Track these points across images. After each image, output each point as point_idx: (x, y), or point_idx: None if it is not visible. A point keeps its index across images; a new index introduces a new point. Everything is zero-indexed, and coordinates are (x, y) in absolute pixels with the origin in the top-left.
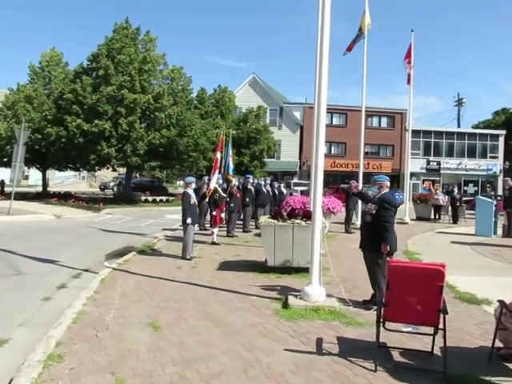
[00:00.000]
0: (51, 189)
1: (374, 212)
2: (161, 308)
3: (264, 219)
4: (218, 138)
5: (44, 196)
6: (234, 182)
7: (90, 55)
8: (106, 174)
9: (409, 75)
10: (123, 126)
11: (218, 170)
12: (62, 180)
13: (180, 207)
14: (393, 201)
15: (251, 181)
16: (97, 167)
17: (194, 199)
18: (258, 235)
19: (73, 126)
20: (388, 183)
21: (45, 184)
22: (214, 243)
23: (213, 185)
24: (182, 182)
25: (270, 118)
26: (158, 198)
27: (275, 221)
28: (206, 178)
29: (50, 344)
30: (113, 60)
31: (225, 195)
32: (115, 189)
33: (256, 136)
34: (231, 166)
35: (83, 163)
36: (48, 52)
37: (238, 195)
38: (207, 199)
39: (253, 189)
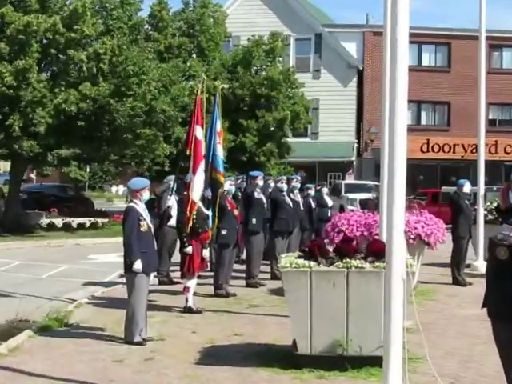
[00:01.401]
0: None
1: None
2: None
3: (289, 260)
4: (193, 98)
5: None
6: (228, 185)
7: None
8: None
9: None
10: (5, 77)
11: (202, 164)
12: None
13: (120, 239)
14: None
15: (260, 183)
16: None
17: (147, 222)
18: (278, 292)
19: None
20: None
21: None
22: (189, 310)
23: (196, 194)
24: (123, 190)
25: (297, 57)
26: (74, 222)
27: (311, 263)
28: (170, 180)
29: None
30: None
31: (207, 212)
32: None
33: (269, 93)
34: (220, 154)
35: None
36: None
37: (236, 211)
38: (174, 222)
39: (264, 199)
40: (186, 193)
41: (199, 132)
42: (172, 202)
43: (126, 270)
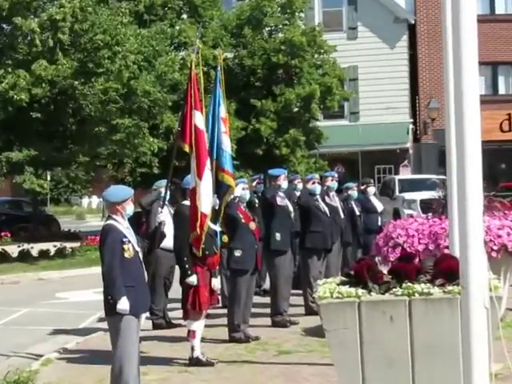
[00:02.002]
0: None
1: None
2: None
3: (329, 287)
4: (187, 74)
5: None
6: (241, 190)
7: None
8: None
9: None
10: None
11: (208, 162)
12: None
13: (97, 269)
14: None
15: (284, 184)
16: None
17: (132, 245)
18: (316, 332)
19: None
20: None
21: None
22: (196, 362)
23: (206, 204)
24: (98, 202)
25: (325, 11)
26: (34, 248)
27: (360, 290)
28: (161, 186)
29: None
30: None
31: (215, 227)
32: None
33: (289, 62)
34: (227, 147)
35: None
36: None
37: (253, 225)
38: (170, 243)
39: (290, 206)
40: (188, 203)
41: (199, 119)
42: (165, 215)
43: (108, 311)
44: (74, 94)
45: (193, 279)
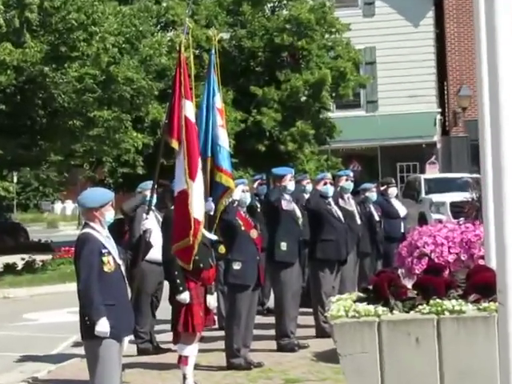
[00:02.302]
0: None
1: None
2: None
3: (344, 305)
4: (175, 58)
5: None
6: (240, 192)
7: None
8: None
9: None
10: None
11: (199, 160)
12: None
13: (72, 285)
14: None
15: (291, 185)
16: None
17: (113, 258)
18: (329, 357)
19: None
20: None
21: None
22: None
23: (198, 210)
24: (73, 208)
25: None
26: None
27: (379, 308)
28: (146, 189)
29: None
30: None
31: (210, 236)
32: None
33: (295, 43)
34: (224, 143)
35: None
36: None
37: (255, 233)
38: (158, 255)
39: (298, 210)
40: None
41: (190, 110)
42: (151, 223)
43: (85, 334)
44: (44, 82)
45: (185, 296)
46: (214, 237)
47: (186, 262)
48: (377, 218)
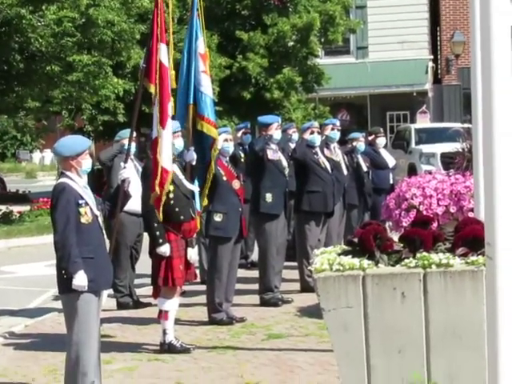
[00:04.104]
0: None
1: None
2: None
3: (328, 258)
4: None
5: None
6: (222, 141)
7: None
8: None
9: None
10: None
11: (169, 105)
12: None
13: (50, 237)
14: None
15: (277, 134)
16: None
17: (90, 209)
18: (313, 312)
19: None
20: None
21: None
22: (169, 348)
23: (167, 158)
24: (52, 157)
25: None
26: None
27: (365, 261)
28: (124, 137)
29: None
30: None
31: (192, 187)
32: None
33: None
34: (207, 90)
35: None
36: None
37: (237, 184)
38: (136, 206)
39: (284, 161)
40: (151, 156)
41: (164, 54)
42: (129, 172)
43: (63, 288)
44: (20, 25)
45: (165, 249)
46: (195, 188)
47: (158, 212)
48: (365, 168)
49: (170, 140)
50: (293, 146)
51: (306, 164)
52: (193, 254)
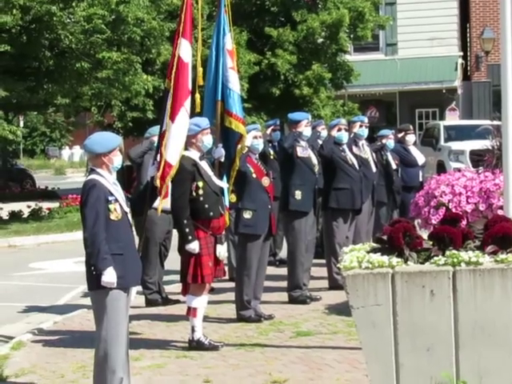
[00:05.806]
0: None
1: None
2: None
3: (357, 256)
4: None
5: None
6: (251, 139)
7: None
8: None
9: None
10: None
11: (187, 103)
12: None
13: (79, 234)
14: None
15: (306, 131)
16: None
17: (120, 206)
18: (342, 309)
19: None
20: None
21: None
22: (198, 345)
23: (172, 153)
24: (81, 154)
25: None
26: (3, 210)
27: (394, 259)
28: (155, 134)
29: None
30: None
31: (221, 183)
32: None
33: None
34: (235, 86)
35: None
36: None
37: (267, 181)
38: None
39: (314, 158)
40: (189, 153)
41: (185, 49)
42: (152, 172)
43: (92, 284)
44: (51, 21)
45: (194, 246)
46: (224, 184)
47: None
48: (394, 166)
49: (178, 134)
50: (320, 142)
51: (333, 161)
52: (222, 250)
